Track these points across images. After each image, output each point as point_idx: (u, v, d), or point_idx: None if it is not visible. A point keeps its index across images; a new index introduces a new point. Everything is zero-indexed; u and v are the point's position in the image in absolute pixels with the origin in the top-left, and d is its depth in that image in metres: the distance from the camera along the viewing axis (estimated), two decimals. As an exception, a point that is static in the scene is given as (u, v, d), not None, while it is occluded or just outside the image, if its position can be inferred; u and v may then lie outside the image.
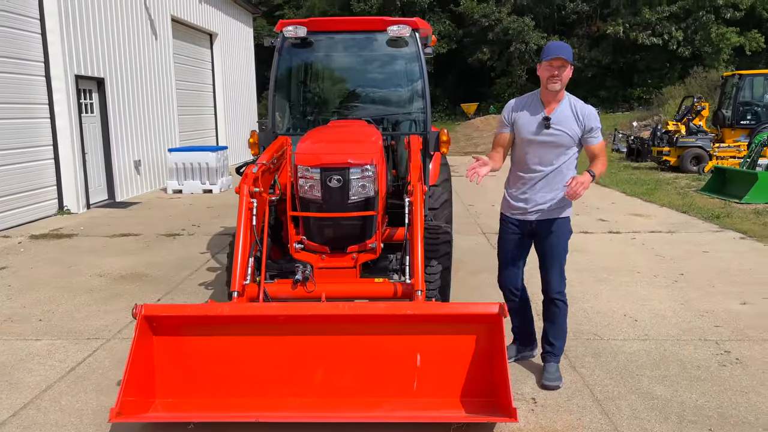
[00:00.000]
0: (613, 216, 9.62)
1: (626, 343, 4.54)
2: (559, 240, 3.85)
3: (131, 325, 4.94)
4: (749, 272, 6.35)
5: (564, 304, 3.94)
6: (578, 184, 3.53)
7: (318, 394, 3.38)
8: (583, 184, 3.54)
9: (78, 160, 10.54)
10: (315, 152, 4.24)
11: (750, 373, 4.01)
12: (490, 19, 30.72)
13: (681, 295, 5.62)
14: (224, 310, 3.45)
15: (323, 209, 4.21)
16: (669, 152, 15.43)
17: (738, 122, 16.35)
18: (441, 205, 5.50)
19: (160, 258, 7.28)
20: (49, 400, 3.73)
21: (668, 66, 30.90)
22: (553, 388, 3.80)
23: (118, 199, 11.96)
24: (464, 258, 6.87)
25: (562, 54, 3.60)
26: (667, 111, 23.56)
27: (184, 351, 3.43)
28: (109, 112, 11.77)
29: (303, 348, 3.43)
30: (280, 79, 5.57)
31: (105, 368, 4.19)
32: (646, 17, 28.98)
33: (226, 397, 3.38)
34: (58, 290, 6.01)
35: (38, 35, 9.93)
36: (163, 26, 14.28)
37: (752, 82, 16.72)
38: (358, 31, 5.60)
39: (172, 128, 14.64)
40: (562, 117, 3.71)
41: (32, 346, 4.59)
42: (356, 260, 4.30)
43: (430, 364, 3.40)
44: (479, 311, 3.39)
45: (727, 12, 28.86)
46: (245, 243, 3.89)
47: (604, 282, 6.08)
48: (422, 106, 5.55)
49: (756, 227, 8.45)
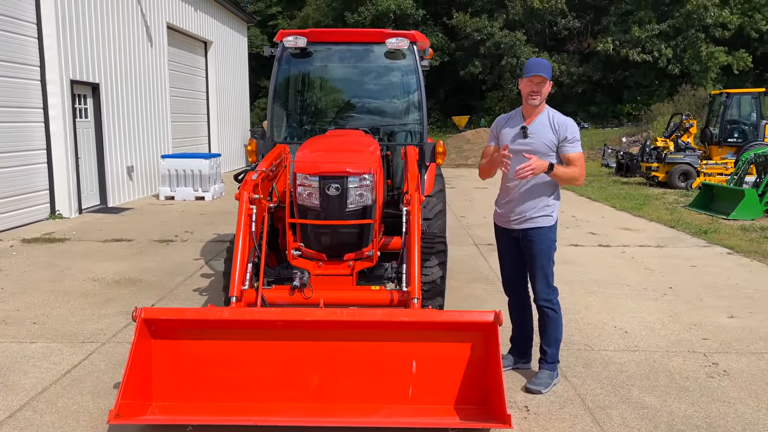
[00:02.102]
0: (602, 230, 9.74)
1: (617, 353, 4.62)
2: (540, 249, 3.95)
3: (126, 329, 4.98)
4: (736, 287, 6.47)
5: (554, 312, 4.02)
6: (527, 165, 3.66)
7: (314, 399, 3.42)
8: (531, 165, 3.66)
9: (71, 164, 10.54)
10: (314, 160, 4.30)
11: (737, 384, 4.10)
12: (482, 33, 31.02)
13: (670, 308, 5.71)
14: (224, 314, 3.49)
15: (321, 217, 4.27)
16: (658, 168, 15.64)
17: (725, 140, 16.59)
18: (435, 215, 5.59)
19: (153, 263, 7.29)
20: (45, 403, 3.74)
21: (657, 83, 31.32)
22: (535, 392, 3.89)
23: (110, 204, 11.95)
24: (457, 268, 6.93)
25: (541, 72, 3.80)
26: (655, 127, 23.85)
27: (183, 354, 3.46)
28: (103, 117, 11.79)
29: (300, 353, 3.47)
30: (279, 88, 5.64)
31: (101, 371, 4.20)
32: (636, 35, 29.40)
33: (224, 400, 3.41)
34: (52, 294, 6.01)
35: (35, 39, 9.96)
36: (159, 33, 14.34)
37: (739, 101, 17.00)
38: (357, 42, 5.69)
39: (166, 135, 14.66)
40: (538, 127, 3.89)
41: (27, 349, 4.60)
42: (353, 268, 4.35)
43: (425, 371, 3.45)
44: (475, 319, 3.45)
45: (716, 31, 29.35)
46: (244, 249, 3.93)
47: (595, 294, 6.16)
48: (419, 118, 5.64)
49: (743, 243, 8.59)
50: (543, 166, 3.71)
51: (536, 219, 3.93)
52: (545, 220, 3.94)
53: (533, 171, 3.69)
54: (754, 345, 4.81)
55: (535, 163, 3.68)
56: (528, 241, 3.97)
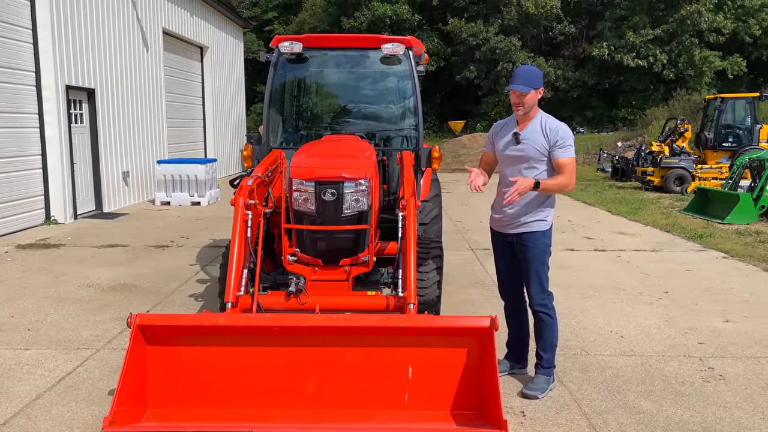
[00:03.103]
0: (598, 234, 9.76)
1: (613, 358, 4.62)
2: (534, 253, 3.96)
3: (121, 335, 4.96)
4: (731, 291, 6.48)
5: (549, 317, 4.02)
6: (513, 191, 3.70)
7: (310, 406, 3.41)
8: (517, 189, 3.69)
9: (66, 170, 10.51)
10: (310, 166, 4.31)
11: (733, 389, 4.10)
12: (477, 38, 31.09)
13: (665, 313, 5.72)
14: (219, 320, 3.47)
15: (317, 222, 4.27)
16: (653, 172, 15.69)
17: (720, 144, 16.66)
18: (431, 220, 5.59)
19: (149, 269, 7.27)
20: (39, 410, 3.72)
21: (652, 88, 31.45)
22: (531, 397, 3.90)
23: (106, 210, 11.91)
24: (453, 272, 6.93)
25: (518, 87, 3.81)
26: (651, 132, 23.94)
27: (178, 361, 3.44)
28: (99, 122, 11.76)
29: (296, 359, 3.45)
30: (275, 93, 5.64)
31: (95, 378, 4.18)
32: (631, 40, 29.53)
33: (220, 407, 3.39)
34: (47, 300, 5.99)
35: (30, 45, 9.95)
36: (155, 39, 14.33)
37: (734, 106, 17.08)
38: (353, 48, 5.69)
39: (161, 140, 14.64)
40: (531, 132, 3.91)
41: (21, 356, 4.57)
42: (349, 273, 4.35)
43: (421, 377, 3.44)
44: (471, 324, 3.44)
45: (710, 36, 29.50)
46: (240, 254, 3.92)
47: (591, 299, 6.17)
48: (414, 123, 5.65)
49: (738, 247, 8.61)
50: (528, 186, 3.73)
51: (531, 224, 3.94)
52: (540, 224, 3.95)
53: (519, 194, 3.72)
54: (750, 349, 4.82)
55: (520, 186, 3.70)
56: (522, 246, 3.98)
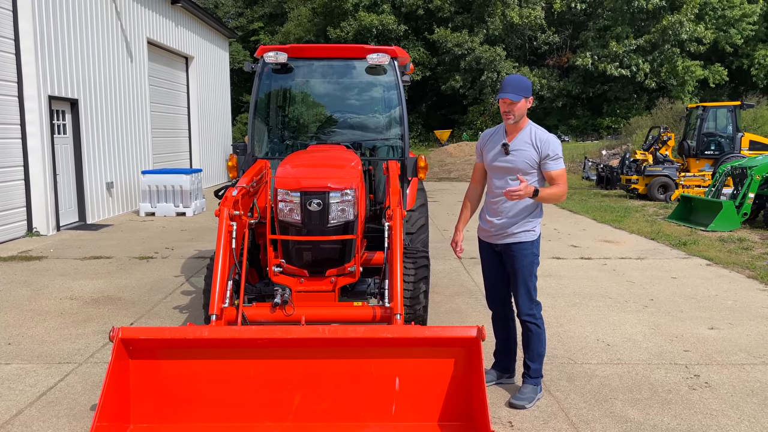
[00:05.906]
0: (584, 242, 9.80)
1: (600, 367, 4.62)
2: (522, 263, 3.96)
3: (104, 349, 4.89)
4: (716, 298, 6.52)
5: (537, 327, 4.02)
6: (516, 189, 3.69)
7: (296, 419, 3.37)
8: (518, 191, 3.69)
9: (49, 181, 10.39)
10: (295, 176, 4.28)
11: (719, 396, 4.11)
12: (462, 48, 31.31)
13: (651, 320, 5.74)
14: (204, 333, 3.43)
15: (303, 233, 4.24)
16: (637, 180, 15.82)
17: (702, 152, 16.84)
18: (418, 229, 5.58)
19: (133, 281, 7.19)
20: (19, 426, 3.65)
21: (636, 97, 31.83)
22: (519, 407, 3.89)
23: (89, 221, 11.79)
24: (440, 282, 6.92)
25: (509, 94, 3.81)
26: (635, 140, 24.17)
27: (162, 375, 3.39)
28: (82, 133, 11.66)
29: (282, 372, 3.41)
30: (260, 103, 5.62)
31: (77, 393, 4.11)
32: (614, 50, 29.88)
33: (204, 421, 3.34)
34: (28, 313, 5.89)
35: (12, 55, 9.85)
36: (139, 49, 14.26)
37: (716, 114, 17.28)
38: (338, 58, 5.69)
39: (146, 150, 14.54)
40: (520, 144, 3.91)
41: (1, 371, 4.48)
42: (335, 284, 4.32)
43: (408, 388, 3.41)
44: (457, 335, 3.43)
45: (692, 46, 29.94)
46: (224, 266, 3.88)
47: (577, 307, 6.18)
48: (400, 133, 5.65)
49: (721, 254, 8.68)
50: (530, 192, 3.73)
51: (518, 234, 3.94)
52: (527, 235, 3.95)
53: (520, 196, 3.71)
54: (735, 356, 4.84)
55: (524, 189, 3.69)
56: (510, 256, 3.98)
